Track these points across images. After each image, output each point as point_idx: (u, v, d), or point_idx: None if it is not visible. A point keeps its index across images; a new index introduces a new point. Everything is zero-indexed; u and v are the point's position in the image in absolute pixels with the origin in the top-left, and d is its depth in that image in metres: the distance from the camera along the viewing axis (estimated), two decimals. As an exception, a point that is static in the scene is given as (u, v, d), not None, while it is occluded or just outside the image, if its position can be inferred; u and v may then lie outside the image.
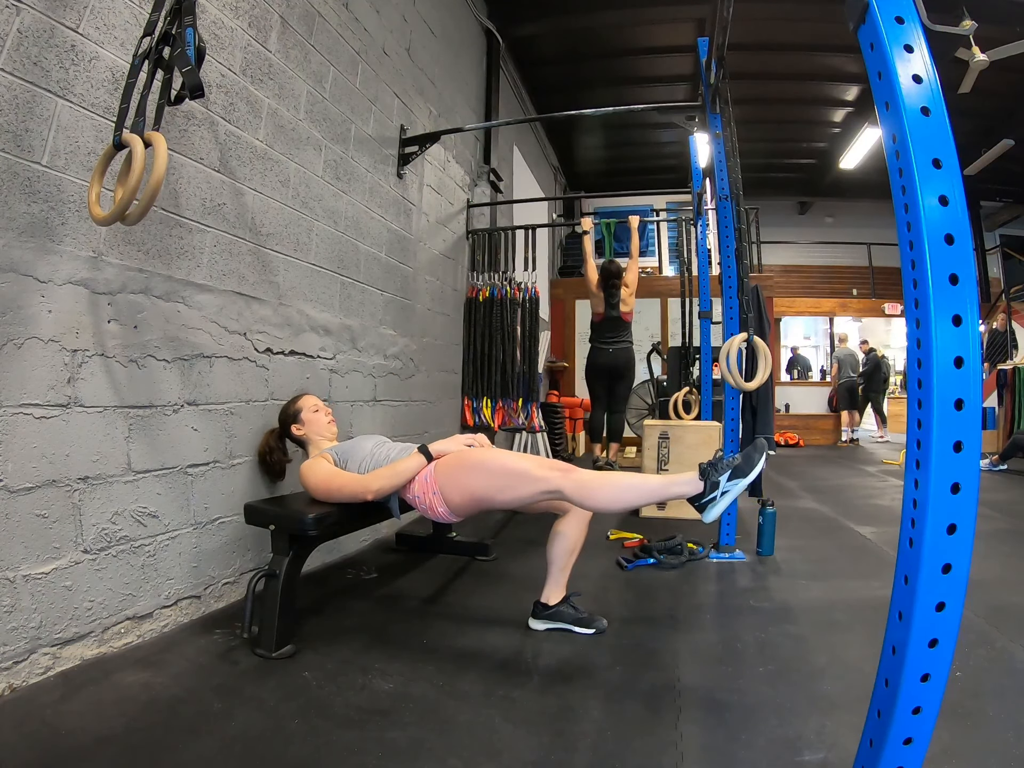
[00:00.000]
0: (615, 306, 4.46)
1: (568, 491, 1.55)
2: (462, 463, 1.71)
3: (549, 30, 5.48)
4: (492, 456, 1.68)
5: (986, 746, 1.22)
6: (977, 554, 0.75)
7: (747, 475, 1.45)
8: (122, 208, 1.32)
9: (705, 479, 1.46)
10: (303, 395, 2.16)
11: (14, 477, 1.38)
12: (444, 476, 1.71)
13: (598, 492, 1.56)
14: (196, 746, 1.21)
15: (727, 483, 1.45)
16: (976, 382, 0.73)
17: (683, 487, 1.49)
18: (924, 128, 0.75)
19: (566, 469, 1.60)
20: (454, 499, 1.70)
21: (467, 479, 1.67)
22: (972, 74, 3.66)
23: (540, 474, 1.58)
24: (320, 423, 2.07)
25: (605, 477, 1.60)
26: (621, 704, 1.41)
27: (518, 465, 1.62)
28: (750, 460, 1.46)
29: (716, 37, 2.48)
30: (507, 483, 1.62)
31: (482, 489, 1.66)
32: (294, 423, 2.07)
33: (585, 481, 1.56)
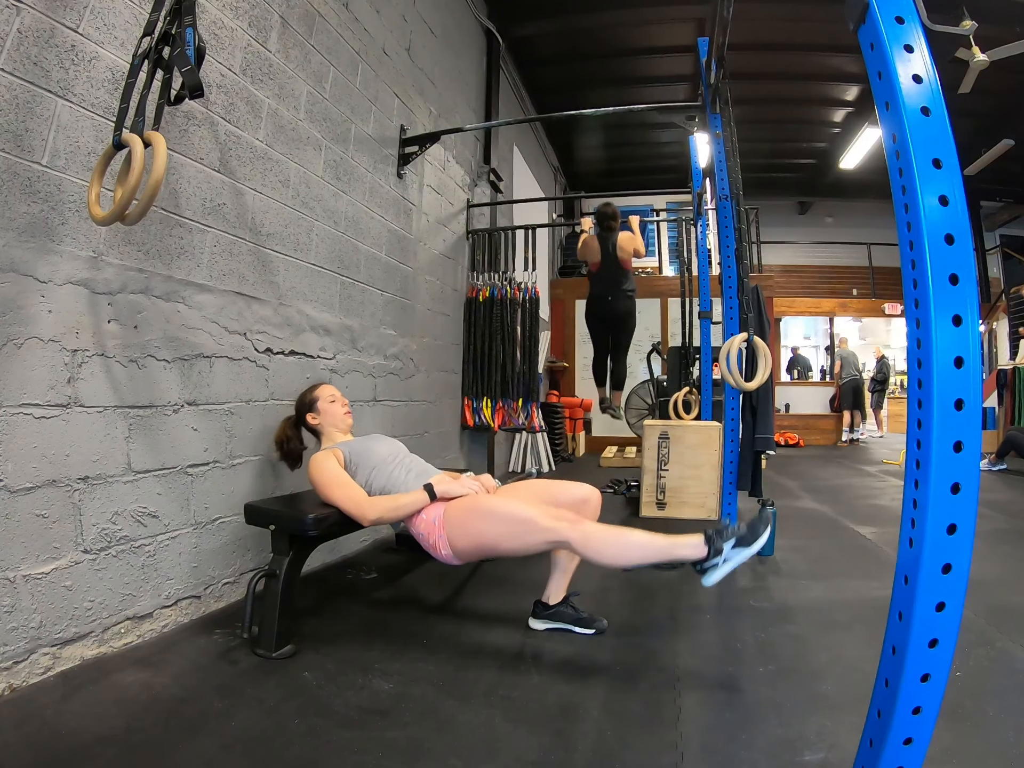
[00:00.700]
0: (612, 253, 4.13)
1: (575, 543, 1.58)
2: (472, 510, 1.71)
3: (549, 30, 5.48)
4: (500, 505, 1.69)
5: (986, 746, 1.22)
6: (977, 554, 0.75)
7: (750, 545, 1.48)
8: (122, 208, 1.32)
9: (710, 545, 1.49)
10: (320, 384, 2.13)
11: (14, 477, 1.38)
12: (453, 522, 1.72)
13: (604, 548, 1.58)
14: (196, 746, 1.21)
15: (730, 551, 1.48)
16: (976, 382, 0.73)
17: (688, 550, 1.52)
18: (924, 128, 0.75)
19: (574, 520, 1.62)
20: (460, 544, 1.71)
21: (475, 526, 1.69)
22: (972, 74, 3.66)
23: (548, 524, 1.59)
24: (336, 414, 2.04)
25: (612, 533, 1.60)
26: (621, 704, 1.41)
27: (525, 514, 1.63)
28: (755, 531, 1.49)
29: (716, 37, 2.49)
30: (514, 532, 1.64)
31: (490, 537, 1.67)
32: (310, 412, 2.04)
33: (592, 535, 1.58)
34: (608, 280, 4.20)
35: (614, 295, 4.21)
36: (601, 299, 4.25)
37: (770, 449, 2.70)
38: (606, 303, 4.23)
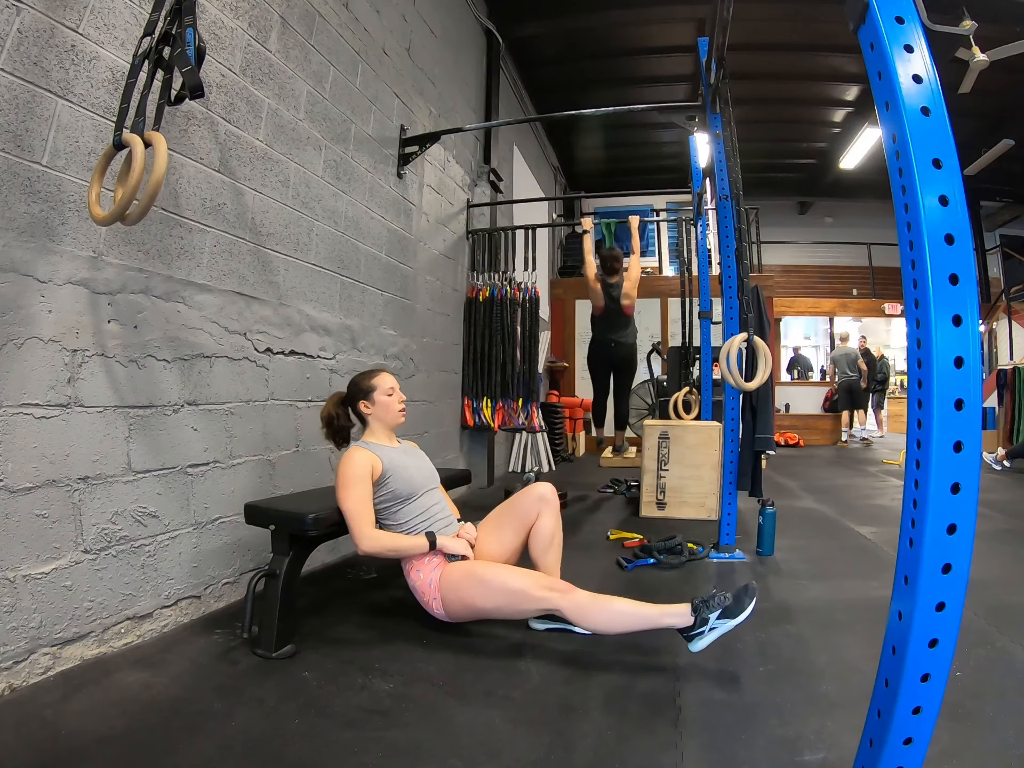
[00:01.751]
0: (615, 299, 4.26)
1: (567, 612, 1.65)
2: (467, 579, 1.76)
3: (549, 30, 5.48)
4: (495, 576, 1.74)
5: (986, 746, 1.22)
6: (977, 554, 0.75)
7: (735, 617, 1.53)
8: (122, 208, 1.32)
9: (696, 615, 1.55)
10: (382, 371, 1.98)
11: (14, 477, 1.38)
12: (448, 587, 1.77)
13: (595, 616, 1.65)
14: (196, 746, 1.21)
15: (715, 620, 1.54)
16: (976, 382, 0.73)
17: (675, 619, 1.58)
18: (924, 128, 0.75)
19: (564, 590, 1.67)
20: (453, 608, 1.78)
21: (470, 595, 1.74)
22: (972, 74, 3.66)
23: (539, 595, 1.66)
24: (392, 410, 1.94)
25: (600, 602, 1.66)
26: (621, 704, 1.41)
27: (517, 585, 1.69)
28: (740, 603, 1.54)
29: (716, 37, 2.48)
30: (508, 602, 1.71)
31: (483, 605, 1.74)
32: (364, 399, 1.92)
33: (583, 604, 1.65)
34: (611, 326, 4.33)
35: (616, 341, 4.35)
36: (604, 344, 4.37)
37: (770, 449, 2.69)
38: (609, 348, 4.36)
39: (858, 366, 7.98)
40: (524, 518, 1.95)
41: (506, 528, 1.96)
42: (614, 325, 4.35)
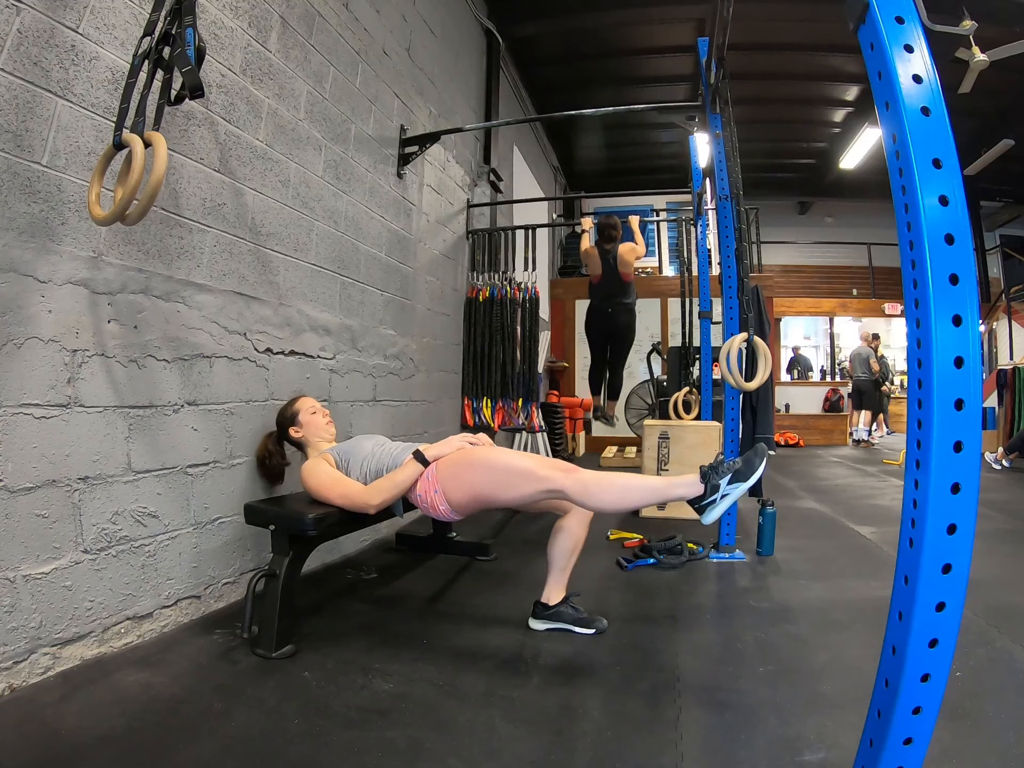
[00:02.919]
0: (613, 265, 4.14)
1: (571, 491, 1.57)
2: (465, 461, 1.71)
3: (549, 30, 5.48)
4: (495, 454, 1.69)
5: (986, 746, 1.22)
6: (977, 554, 0.75)
7: (747, 479, 1.47)
8: (122, 208, 1.32)
9: (706, 482, 1.49)
10: (300, 397, 2.13)
11: (14, 477, 1.38)
12: (446, 474, 1.71)
13: (601, 492, 1.58)
14: (196, 746, 1.21)
15: (727, 486, 1.48)
16: (976, 382, 0.73)
17: (684, 489, 1.52)
18: (924, 128, 0.75)
19: (569, 469, 1.61)
20: (456, 497, 1.70)
21: (469, 477, 1.68)
22: (972, 74, 3.66)
23: (543, 473, 1.59)
24: (318, 425, 2.05)
25: (607, 477, 1.61)
26: (621, 704, 1.41)
27: (521, 463, 1.63)
28: (750, 464, 1.49)
29: (716, 37, 2.48)
30: (509, 481, 1.63)
31: (484, 486, 1.66)
32: (292, 426, 2.05)
33: (588, 481, 1.58)
34: (608, 293, 4.22)
35: (614, 308, 4.24)
36: (601, 311, 4.26)
37: (770, 449, 2.69)
38: (606, 315, 4.26)
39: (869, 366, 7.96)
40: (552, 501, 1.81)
41: None
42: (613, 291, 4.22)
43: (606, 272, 4.18)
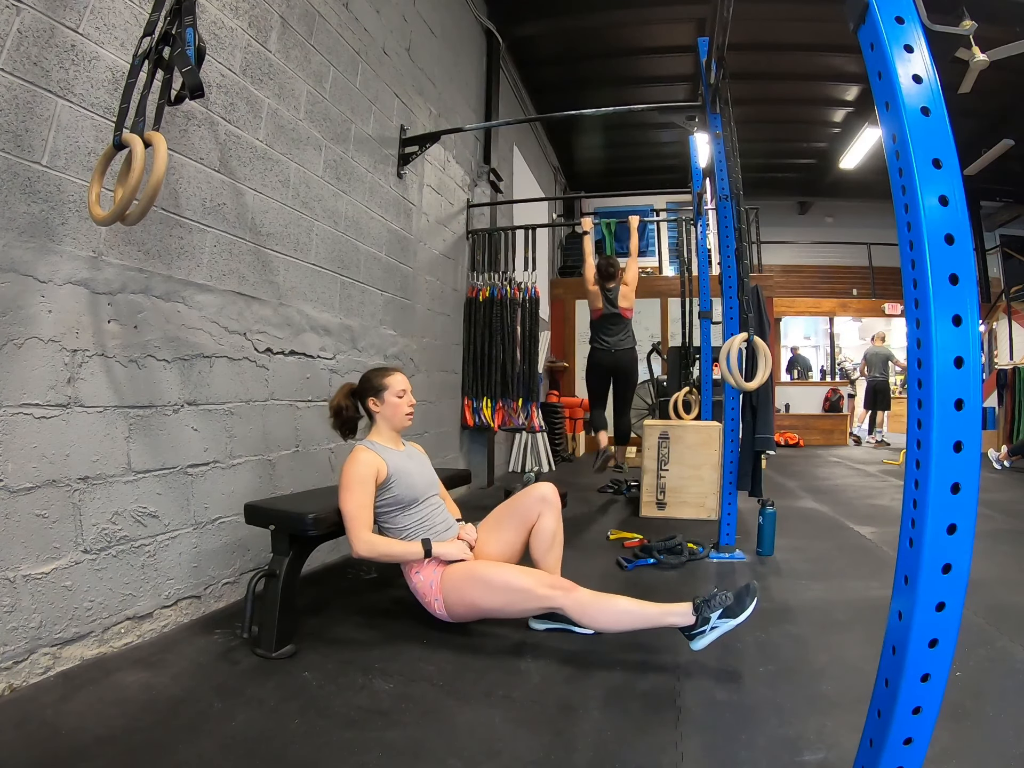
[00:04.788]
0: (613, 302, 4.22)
1: (568, 610, 1.65)
2: (469, 579, 1.75)
3: (549, 30, 5.48)
4: (498, 575, 1.73)
5: (986, 746, 1.22)
6: (977, 554, 0.75)
7: (737, 616, 1.55)
8: (122, 208, 1.32)
9: (698, 614, 1.57)
10: (395, 371, 1.96)
11: (14, 477, 1.38)
12: (449, 587, 1.77)
13: (597, 615, 1.65)
14: (196, 746, 1.21)
15: (717, 620, 1.55)
16: (976, 382, 0.73)
17: (677, 618, 1.59)
18: (924, 128, 0.75)
19: (567, 588, 1.67)
20: (456, 609, 1.78)
21: (472, 595, 1.74)
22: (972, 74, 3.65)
23: (542, 593, 1.66)
24: (399, 413, 1.92)
25: (603, 600, 1.67)
26: (621, 704, 1.41)
27: (520, 583, 1.69)
28: (741, 603, 1.55)
29: (716, 37, 2.48)
30: (511, 601, 1.70)
31: (485, 604, 1.74)
32: (374, 396, 1.91)
33: (585, 603, 1.65)
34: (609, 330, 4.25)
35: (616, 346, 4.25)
36: (603, 350, 4.27)
37: (770, 449, 2.69)
38: (608, 354, 4.26)
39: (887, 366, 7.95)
40: (525, 518, 1.95)
41: (507, 528, 1.96)
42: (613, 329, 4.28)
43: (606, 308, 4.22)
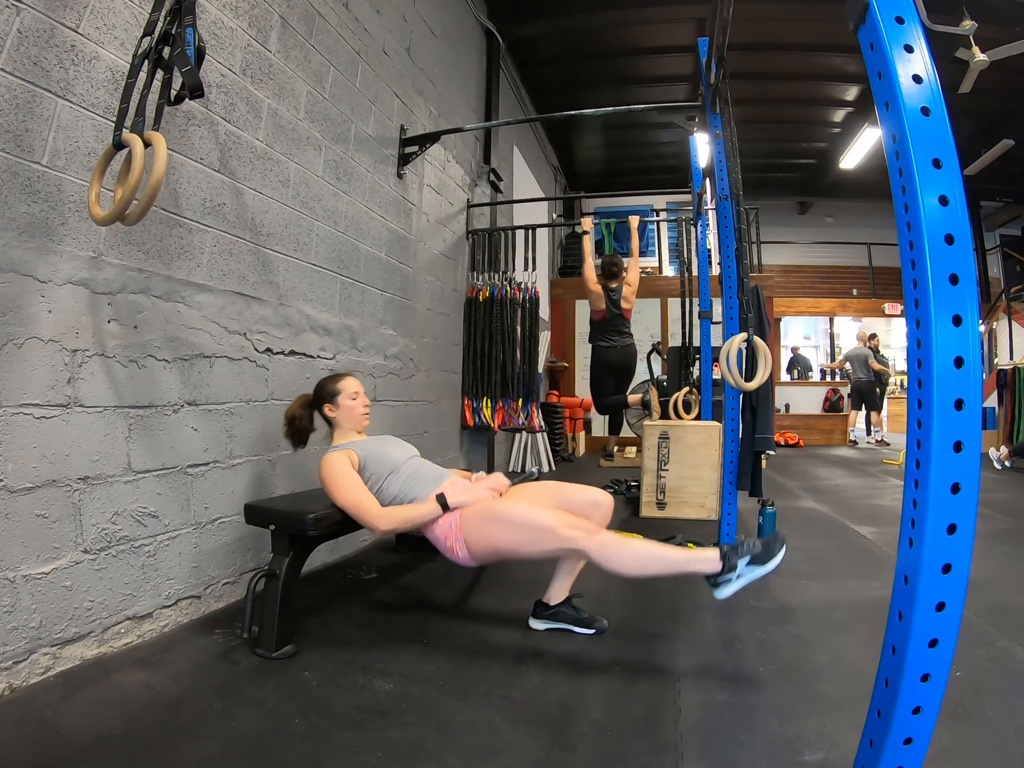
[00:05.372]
0: (617, 303, 4.34)
1: (591, 551, 1.59)
2: (489, 515, 1.70)
3: (549, 30, 5.48)
4: (519, 511, 1.68)
5: (986, 746, 1.22)
6: (977, 554, 0.75)
7: (764, 563, 1.51)
8: (122, 208, 1.32)
9: (725, 561, 1.52)
10: (346, 376, 2.04)
11: (14, 477, 1.38)
12: (469, 526, 1.71)
13: (620, 559, 1.59)
14: (196, 746, 1.21)
15: (744, 567, 1.51)
16: (976, 382, 0.73)
17: (703, 564, 1.54)
18: (924, 128, 0.75)
19: (590, 530, 1.62)
20: (477, 549, 1.71)
21: (492, 531, 1.68)
22: (972, 74, 3.66)
23: (566, 533, 1.60)
24: (355, 412, 1.98)
25: (627, 544, 1.61)
26: (621, 704, 1.41)
27: (545, 522, 1.63)
28: (770, 551, 1.51)
29: (716, 37, 2.48)
30: (532, 538, 1.64)
31: (507, 542, 1.67)
32: (329, 403, 1.98)
33: (608, 544, 1.59)
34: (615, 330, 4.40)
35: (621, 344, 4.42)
36: (612, 350, 4.43)
37: (770, 449, 2.69)
38: (615, 352, 4.42)
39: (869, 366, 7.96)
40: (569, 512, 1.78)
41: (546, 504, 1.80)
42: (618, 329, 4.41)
43: (609, 310, 4.32)
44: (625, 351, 4.45)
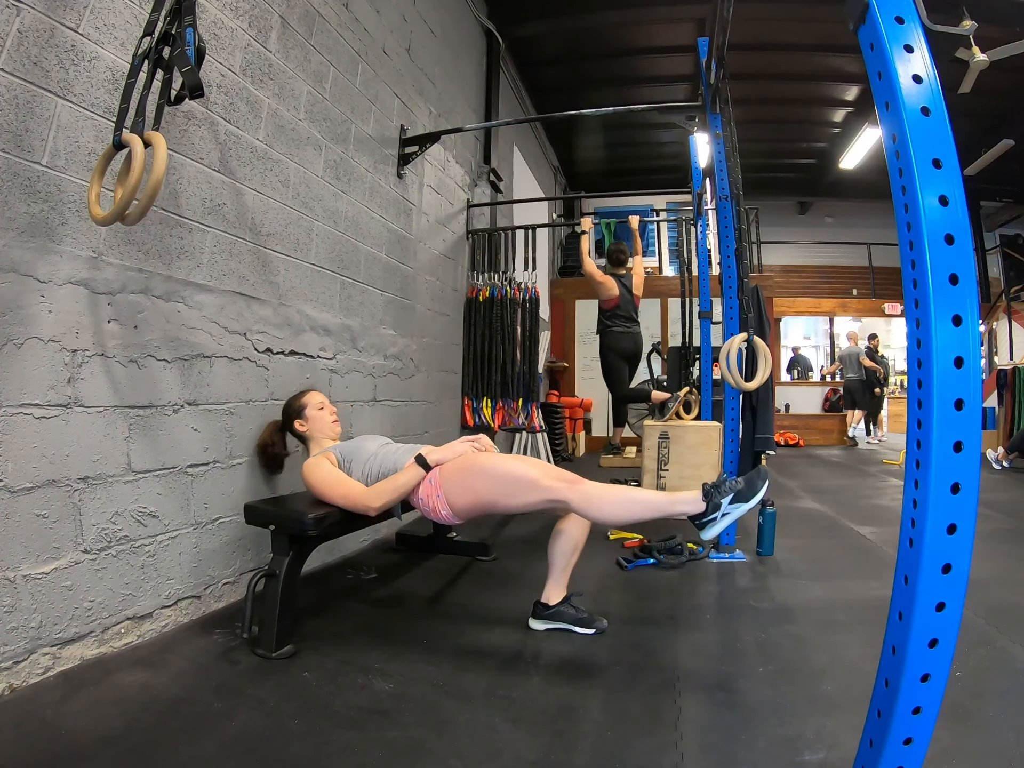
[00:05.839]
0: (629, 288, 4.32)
1: (574, 502, 1.58)
2: (468, 467, 1.70)
3: (549, 30, 5.48)
4: (499, 462, 1.68)
5: (986, 746, 1.22)
6: (977, 554, 0.75)
7: (748, 500, 1.49)
8: (122, 208, 1.32)
9: (708, 500, 1.51)
10: (309, 391, 2.13)
11: (14, 477, 1.38)
12: (449, 480, 1.71)
13: (603, 504, 1.58)
14: (196, 746, 1.21)
15: (728, 505, 1.50)
16: (976, 382, 0.73)
17: (686, 506, 1.53)
18: (924, 128, 0.75)
19: (572, 480, 1.61)
20: (458, 503, 1.70)
21: (473, 483, 1.67)
22: (972, 74, 3.66)
23: (546, 484, 1.59)
24: (324, 421, 2.05)
25: (610, 490, 1.61)
26: (621, 704, 1.41)
27: (525, 472, 1.62)
28: (752, 486, 1.50)
29: (716, 37, 2.48)
30: (512, 489, 1.63)
31: (487, 493, 1.66)
32: (297, 418, 2.05)
33: (591, 494, 1.59)
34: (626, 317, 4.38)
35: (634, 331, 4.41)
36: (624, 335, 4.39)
37: (770, 449, 2.70)
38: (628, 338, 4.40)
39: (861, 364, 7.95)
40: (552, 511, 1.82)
41: None
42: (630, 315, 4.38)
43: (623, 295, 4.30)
44: (637, 338, 4.43)
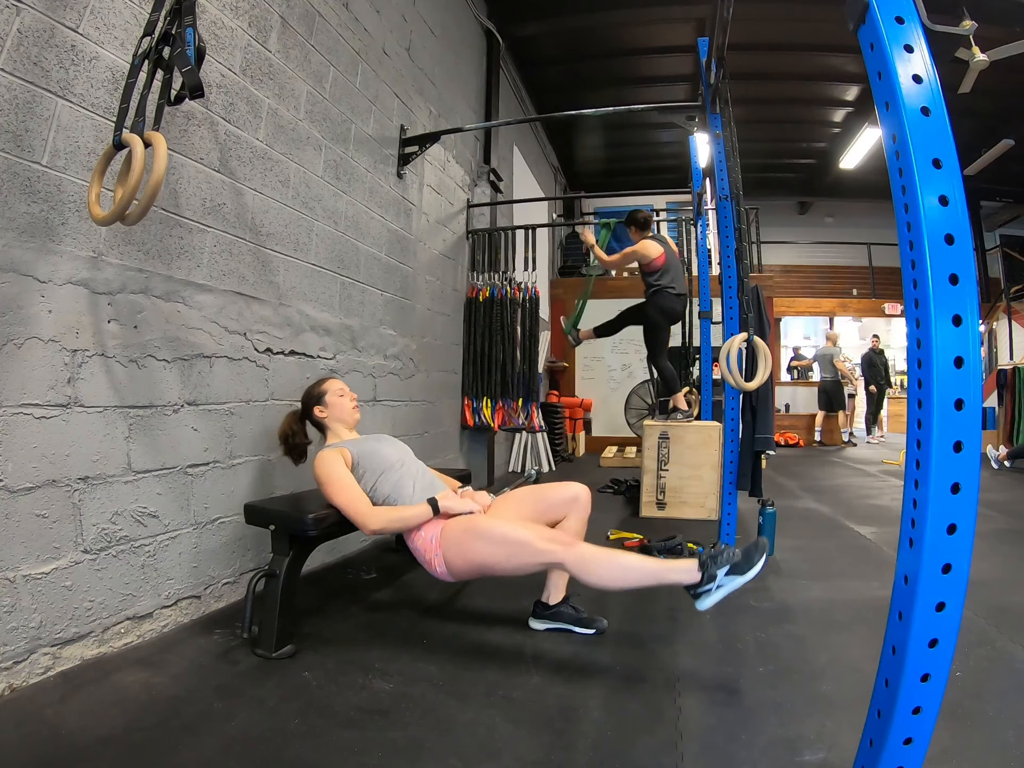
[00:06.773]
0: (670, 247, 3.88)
1: (569, 564, 1.59)
2: (469, 532, 1.72)
3: (549, 30, 5.48)
4: (497, 527, 1.70)
5: (986, 746, 1.22)
6: (977, 554, 0.75)
7: (744, 574, 1.45)
8: (122, 208, 1.31)
9: (703, 571, 1.47)
10: (329, 378, 2.11)
11: (14, 477, 1.38)
12: (449, 542, 1.73)
13: (598, 570, 1.58)
14: (196, 746, 1.21)
15: (724, 577, 1.46)
16: (976, 382, 0.73)
17: (682, 574, 1.51)
18: (924, 128, 0.75)
19: (568, 543, 1.62)
20: (455, 564, 1.73)
21: (472, 547, 1.70)
22: (972, 74, 3.66)
23: (542, 547, 1.61)
24: (344, 408, 2.03)
25: (606, 555, 1.61)
26: (621, 704, 1.41)
27: (521, 537, 1.64)
28: (750, 559, 1.46)
29: (716, 37, 2.48)
30: (510, 554, 1.65)
31: (485, 558, 1.69)
32: (317, 405, 2.02)
33: (587, 557, 1.59)
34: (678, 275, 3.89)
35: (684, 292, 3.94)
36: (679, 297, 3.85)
37: (770, 449, 2.69)
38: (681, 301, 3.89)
39: (834, 366, 7.94)
40: (549, 512, 1.87)
41: (527, 511, 1.87)
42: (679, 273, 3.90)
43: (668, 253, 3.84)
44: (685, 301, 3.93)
